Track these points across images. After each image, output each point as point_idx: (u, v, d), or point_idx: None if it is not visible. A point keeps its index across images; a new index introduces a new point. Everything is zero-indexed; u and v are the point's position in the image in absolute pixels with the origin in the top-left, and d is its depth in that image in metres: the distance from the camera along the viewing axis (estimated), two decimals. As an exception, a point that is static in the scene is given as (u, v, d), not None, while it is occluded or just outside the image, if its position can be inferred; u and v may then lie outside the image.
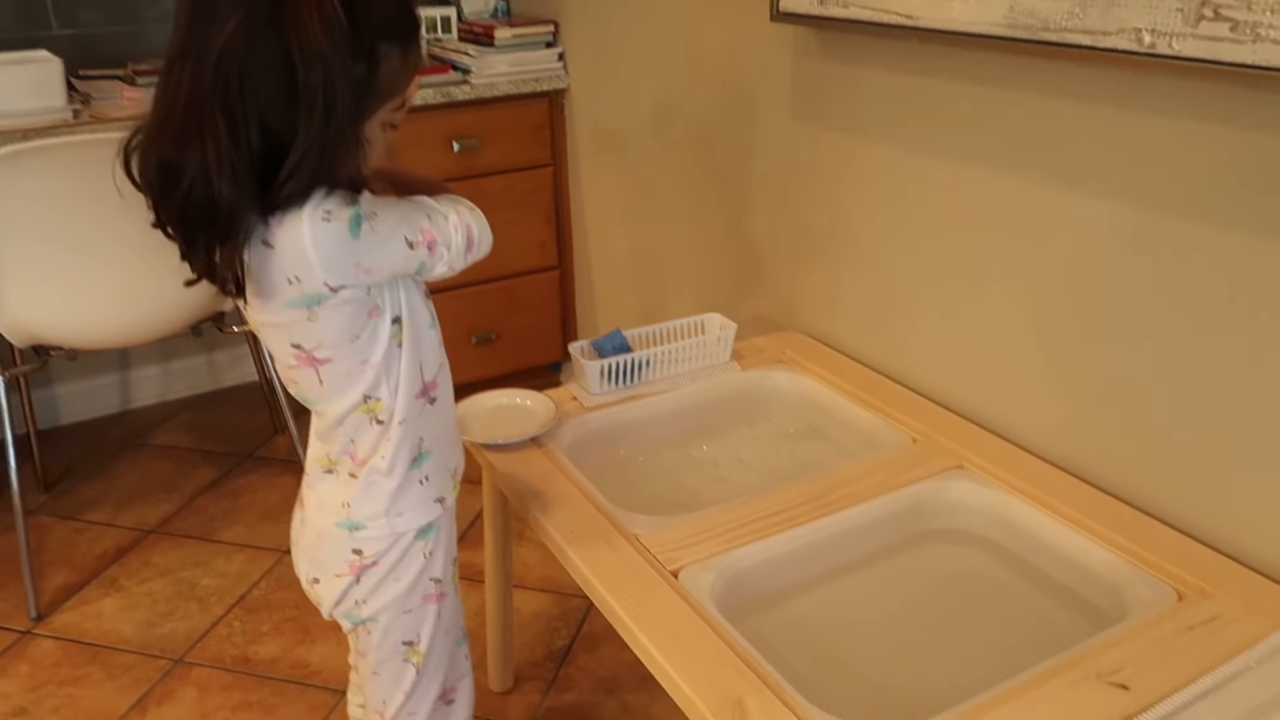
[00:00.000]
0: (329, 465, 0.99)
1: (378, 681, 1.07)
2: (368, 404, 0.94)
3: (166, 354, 2.50)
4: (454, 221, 0.93)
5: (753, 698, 0.86)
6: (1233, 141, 0.96)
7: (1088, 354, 1.17)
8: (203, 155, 0.78)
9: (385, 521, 0.98)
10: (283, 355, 0.92)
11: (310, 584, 1.04)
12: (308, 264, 0.83)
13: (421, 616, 1.04)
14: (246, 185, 0.79)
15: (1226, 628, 0.92)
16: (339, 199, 0.83)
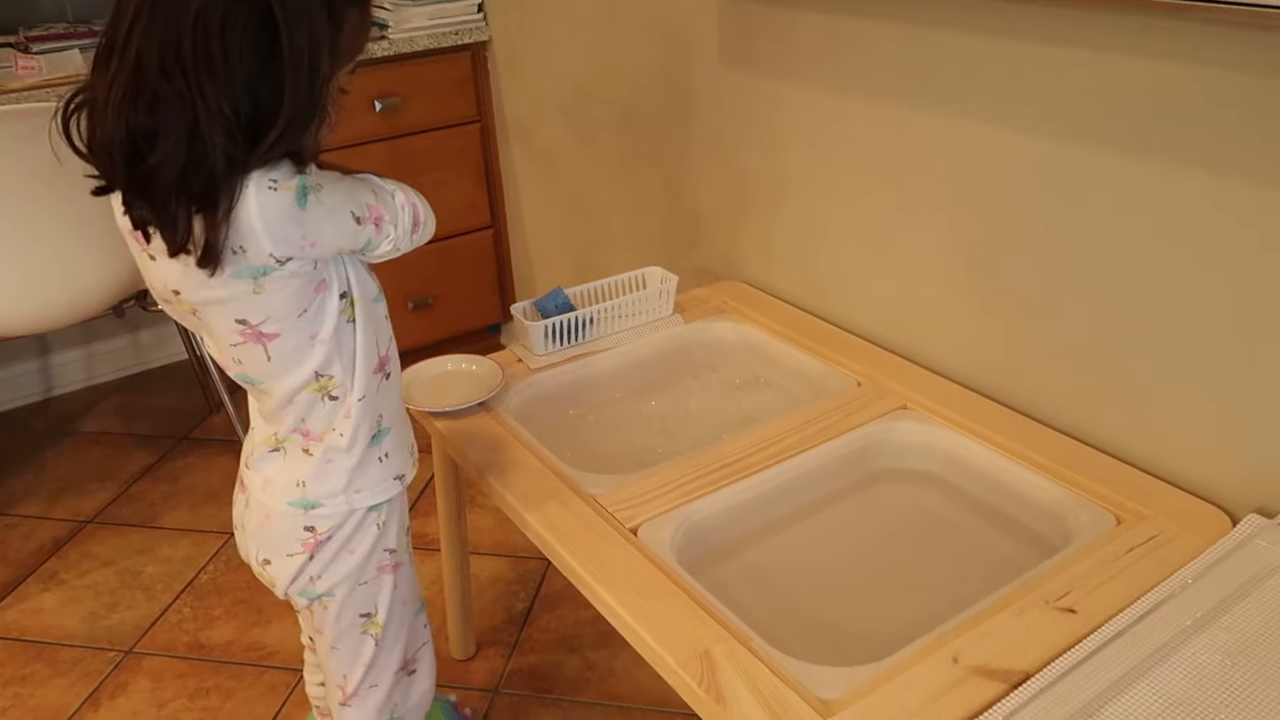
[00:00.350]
0: (275, 445, 0.97)
1: (337, 656, 1.07)
2: (319, 381, 0.92)
3: (88, 336, 2.40)
4: (400, 200, 0.92)
5: (719, 647, 0.87)
6: (1140, 72, 0.98)
7: (1016, 290, 1.19)
8: (186, 119, 0.77)
9: (343, 499, 0.97)
10: (226, 334, 0.89)
11: (262, 565, 1.02)
12: (253, 234, 0.81)
13: (377, 588, 1.04)
14: (241, 146, 0.78)
15: (1163, 547, 0.96)
16: (285, 169, 0.82)
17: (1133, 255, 1.06)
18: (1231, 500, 1.03)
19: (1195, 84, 0.95)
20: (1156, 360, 1.06)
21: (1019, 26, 1.09)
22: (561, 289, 1.44)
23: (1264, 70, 0.89)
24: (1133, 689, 0.79)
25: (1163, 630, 0.84)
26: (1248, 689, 0.79)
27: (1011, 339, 1.22)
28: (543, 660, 1.54)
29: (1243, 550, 0.92)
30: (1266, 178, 0.91)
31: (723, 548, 1.09)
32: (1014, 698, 0.79)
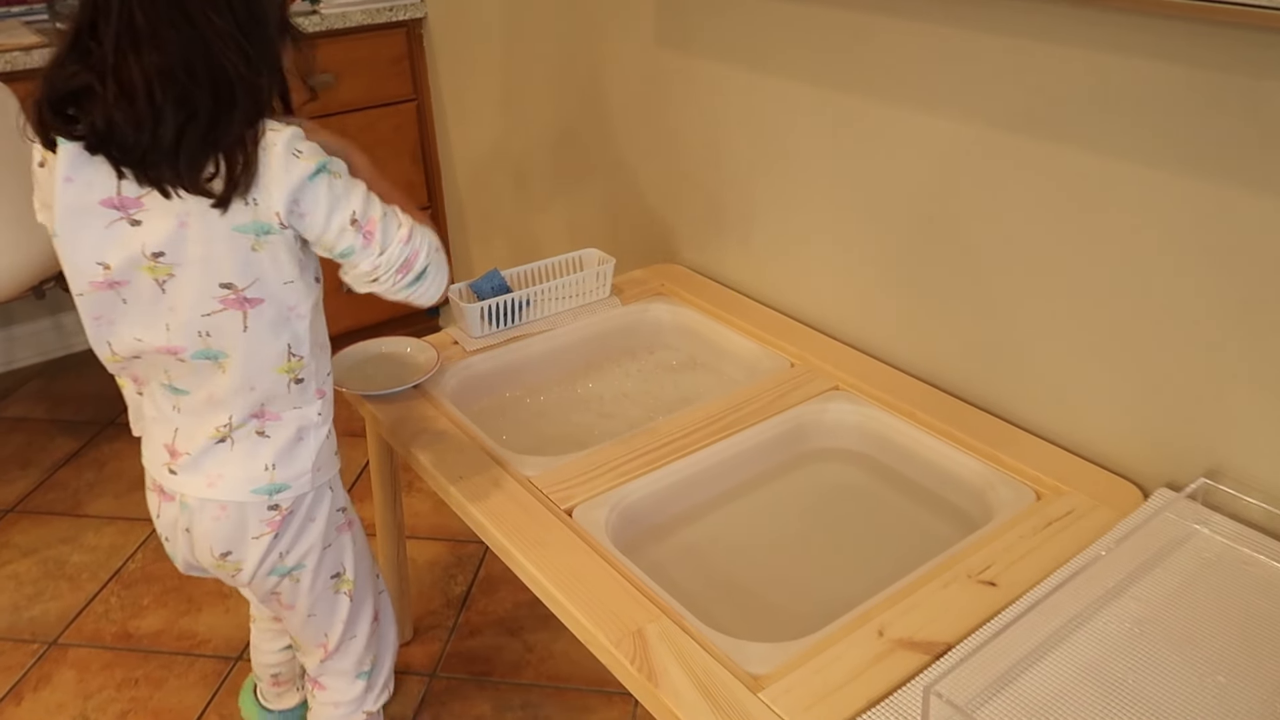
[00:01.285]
0: (222, 436, 0.95)
1: (314, 622, 1.10)
2: (290, 362, 0.94)
3: (7, 319, 2.32)
4: (402, 234, 0.92)
5: (651, 626, 0.88)
6: (1069, 60, 1.01)
7: (944, 275, 1.22)
8: (201, 50, 0.81)
9: (309, 478, 0.99)
10: (200, 301, 0.89)
11: (220, 559, 1.00)
12: (270, 189, 0.85)
13: (341, 546, 1.07)
14: (249, 68, 0.83)
15: (1080, 521, 1.00)
16: (309, 143, 0.87)
17: (1054, 240, 1.09)
18: (1143, 475, 1.07)
19: (1128, 73, 0.98)
20: (1074, 342, 1.10)
21: (956, 16, 1.11)
22: (498, 271, 1.43)
23: (1186, 59, 0.92)
24: (1048, 657, 0.82)
25: (1076, 601, 0.87)
26: (1154, 655, 0.82)
27: (938, 322, 1.25)
28: (483, 644, 1.54)
29: (1152, 523, 0.96)
30: (1181, 163, 0.95)
31: (658, 527, 1.10)
32: (935, 668, 0.81)
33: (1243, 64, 0.88)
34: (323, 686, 1.17)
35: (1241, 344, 0.95)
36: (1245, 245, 0.92)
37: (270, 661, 1.30)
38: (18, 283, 1.67)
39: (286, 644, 1.28)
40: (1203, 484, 0.98)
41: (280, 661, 1.30)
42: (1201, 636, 0.84)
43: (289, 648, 1.28)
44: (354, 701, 1.17)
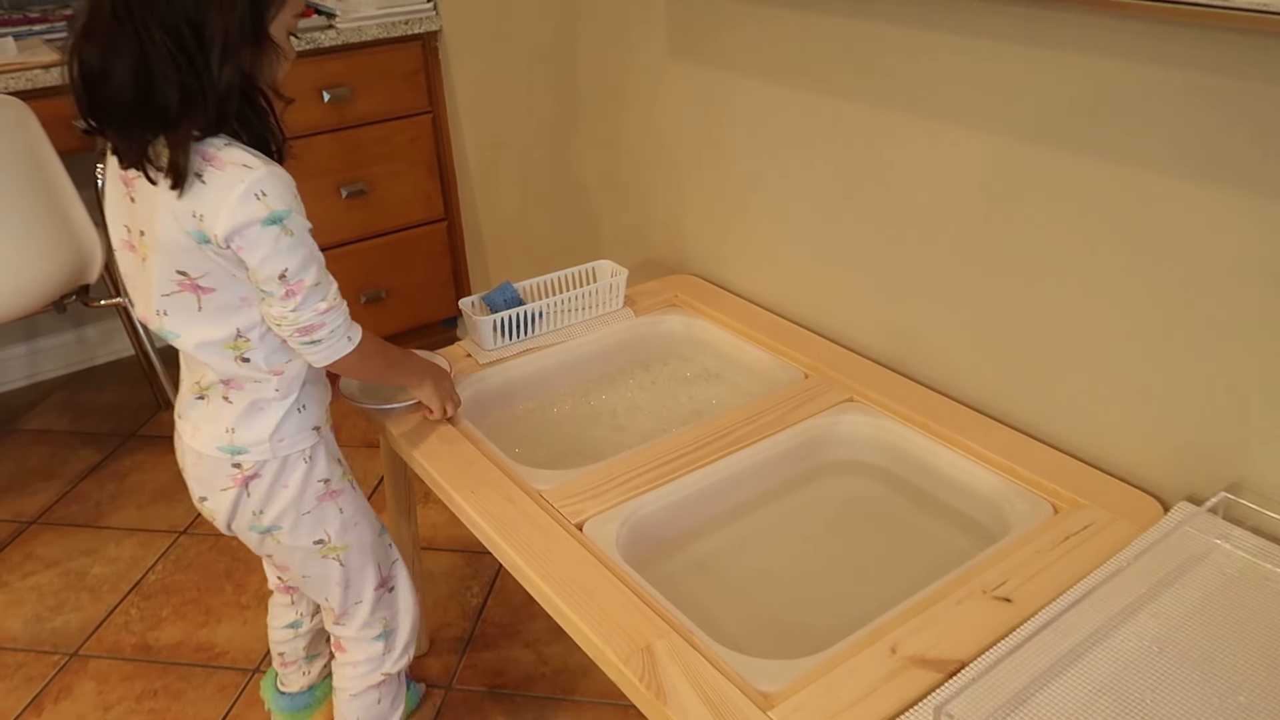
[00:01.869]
0: (200, 392, 1.04)
1: (310, 583, 1.16)
2: (236, 342, 0.99)
3: (31, 332, 2.35)
4: (322, 307, 0.97)
5: (660, 642, 0.88)
6: (1070, 66, 0.99)
7: (961, 286, 1.20)
8: (132, 55, 0.86)
9: (268, 446, 1.04)
10: (161, 282, 0.96)
11: (199, 503, 1.10)
12: (218, 214, 0.90)
13: (322, 515, 1.10)
14: (186, 76, 0.87)
15: (1098, 535, 0.98)
16: (282, 190, 0.92)
17: (1072, 252, 1.07)
18: (1164, 488, 1.05)
19: (1133, 81, 0.96)
20: (1093, 352, 1.08)
21: (962, 23, 1.10)
22: (510, 283, 1.43)
23: (1176, 62, 0.91)
24: (1063, 676, 0.81)
25: (1093, 618, 0.86)
26: (1172, 674, 0.81)
27: (954, 332, 1.24)
28: (498, 656, 1.53)
29: (1171, 537, 0.94)
30: (1199, 173, 0.93)
31: (670, 541, 1.09)
32: (947, 688, 0.80)
33: (1255, 70, 0.86)
34: (343, 649, 1.21)
35: (1264, 355, 0.93)
36: (1268, 257, 0.90)
37: (276, 639, 1.34)
38: (39, 297, 1.70)
39: (290, 622, 1.32)
40: (1224, 498, 0.96)
41: (284, 640, 1.33)
42: (1222, 655, 0.82)
43: (293, 625, 1.32)
44: (371, 661, 1.21)
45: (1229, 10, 0.82)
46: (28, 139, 1.58)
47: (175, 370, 2.21)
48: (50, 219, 1.63)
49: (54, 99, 1.73)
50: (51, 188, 1.62)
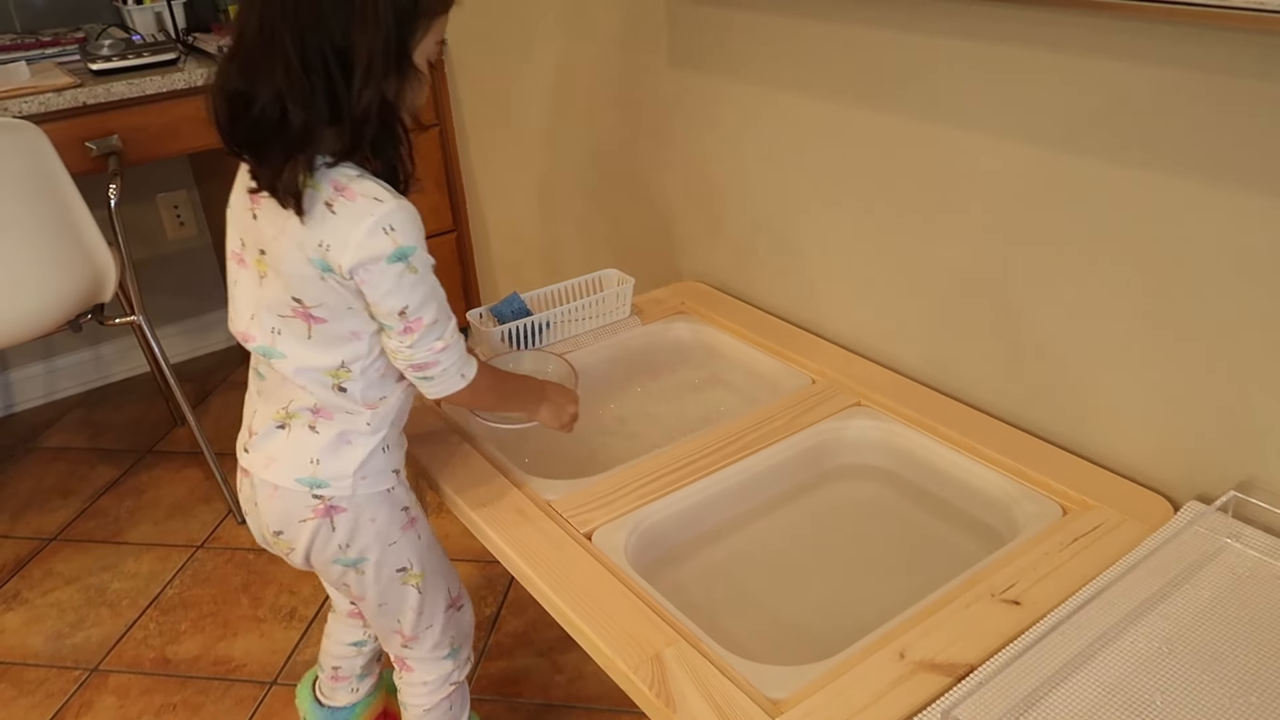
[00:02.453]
0: (282, 420, 1.02)
1: (386, 611, 1.14)
2: (337, 371, 0.98)
3: (48, 351, 2.38)
4: (439, 345, 0.98)
5: (670, 650, 0.88)
6: (1087, 71, 0.99)
7: (967, 287, 1.20)
8: (274, 80, 0.86)
9: (350, 482, 1.02)
10: (278, 304, 0.97)
11: (274, 536, 1.07)
12: (345, 246, 0.90)
13: (406, 543, 1.09)
14: (327, 99, 0.87)
15: (1106, 536, 0.98)
16: (410, 226, 0.92)
17: (1077, 251, 1.07)
18: (1173, 487, 1.05)
19: (1143, 84, 0.96)
20: (1101, 353, 1.08)
21: (969, 28, 1.10)
22: (518, 294, 1.44)
23: (1211, 66, 0.91)
24: (1073, 678, 0.81)
25: (1102, 619, 0.86)
26: (1183, 675, 0.80)
27: (961, 334, 1.24)
28: (513, 665, 1.54)
29: (1181, 537, 0.94)
30: (1212, 175, 0.93)
31: (679, 548, 1.09)
32: (956, 691, 0.80)
33: (1257, 67, 0.86)
34: (409, 668, 1.20)
35: (1272, 353, 0.93)
36: (1273, 255, 0.90)
37: (336, 653, 1.32)
38: (55, 317, 1.72)
39: (356, 640, 1.31)
40: (1233, 496, 0.96)
41: (345, 655, 1.32)
42: (1233, 655, 0.82)
43: (357, 644, 1.31)
44: (442, 678, 1.21)
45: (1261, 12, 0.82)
46: (41, 162, 1.60)
47: (189, 385, 2.21)
48: (65, 240, 1.65)
49: (66, 121, 1.76)
50: (65, 209, 1.64)
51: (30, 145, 1.58)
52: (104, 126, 1.81)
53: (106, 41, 1.90)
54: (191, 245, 2.49)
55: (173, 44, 1.96)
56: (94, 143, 1.79)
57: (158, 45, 1.92)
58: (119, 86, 1.79)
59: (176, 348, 2.51)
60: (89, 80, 1.80)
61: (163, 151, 1.90)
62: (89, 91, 1.76)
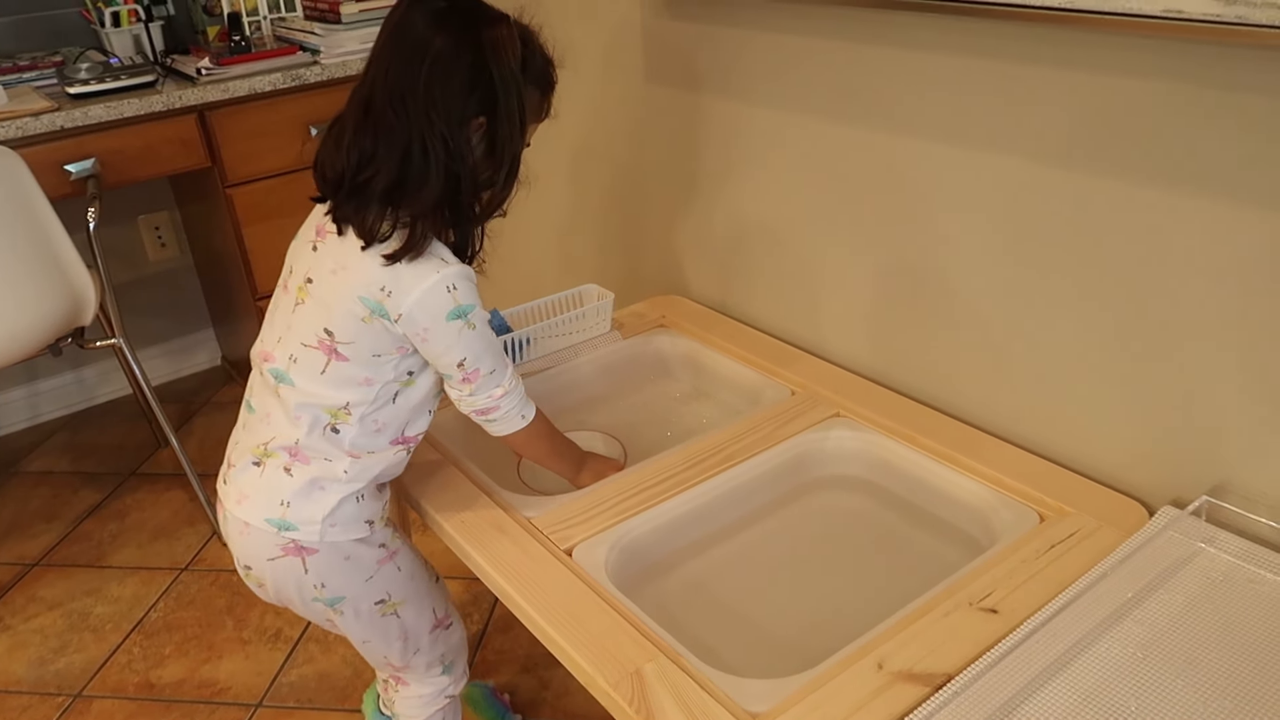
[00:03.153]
0: (258, 458, 1.03)
1: (371, 647, 1.15)
2: (338, 412, 1.00)
3: (30, 374, 2.37)
4: (498, 393, 1.05)
5: (650, 666, 0.88)
6: (1071, 85, 1.01)
7: (945, 297, 1.21)
8: (401, 144, 0.94)
9: (319, 529, 1.03)
10: (301, 334, 1.00)
11: (244, 571, 1.09)
12: (405, 294, 0.96)
13: (384, 577, 1.10)
14: (436, 180, 0.95)
15: (1083, 542, 0.99)
16: (470, 287, 0.99)
17: (1050, 261, 1.08)
18: (1149, 492, 1.05)
19: (1115, 97, 0.97)
20: (1076, 359, 1.09)
21: (939, 42, 1.12)
22: (498, 310, 1.44)
23: (1179, 77, 0.92)
24: (1049, 685, 0.81)
25: (1078, 626, 0.86)
26: (1157, 680, 0.81)
27: (940, 344, 1.24)
28: (498, 682, 1.54)
29: (1156, 542, 0.94)
30: (1178, 184, 0.94)
31: (659, 563, 1.10)
32: (933, 701, 0.80)
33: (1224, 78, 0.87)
34: (405, 683, 1.22)
35: (1244, 357, 0.94)
36: (1246, 261, 0.91)
37: None
38: (36, 341, 1.71)
39: None
40: (1206, 501, 0.97)
41: None
42: (1207, 659, 0.83)
43: None
44: (436, 692, 1.23)
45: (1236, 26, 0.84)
46: (18, 186, 1.59)
47: (172, 407, 2.21)
48: (43, 264, 1.65)
49: (44, 145, 1.75)
50: (43, 233, 1.63)
51: (7, 170, 1.58)
52: (82, 150, 1.80)
53: (84, 65, 1.90)
54: (173, 266, 2.48)
55: (151, 66, 1.96)
56: (72, 166, 1.79)
57: (135, 68, 1.92)
58: (97, 109, 1.79)
59: (159, 369, 2.50)
60: (66, 104, 1.80)
61: (142, 174, 1.90)
62: (66, 115, 1.76)
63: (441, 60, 0.94)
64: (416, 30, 0.95)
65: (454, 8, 0.96)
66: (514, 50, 0.97)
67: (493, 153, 0.99)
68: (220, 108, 1.92)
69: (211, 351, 2.60)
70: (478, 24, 0.96)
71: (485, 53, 0.95)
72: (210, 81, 1.90)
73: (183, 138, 1.90)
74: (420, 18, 0.95)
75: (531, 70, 1.01)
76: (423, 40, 0.94)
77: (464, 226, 1.02)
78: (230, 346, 2.53)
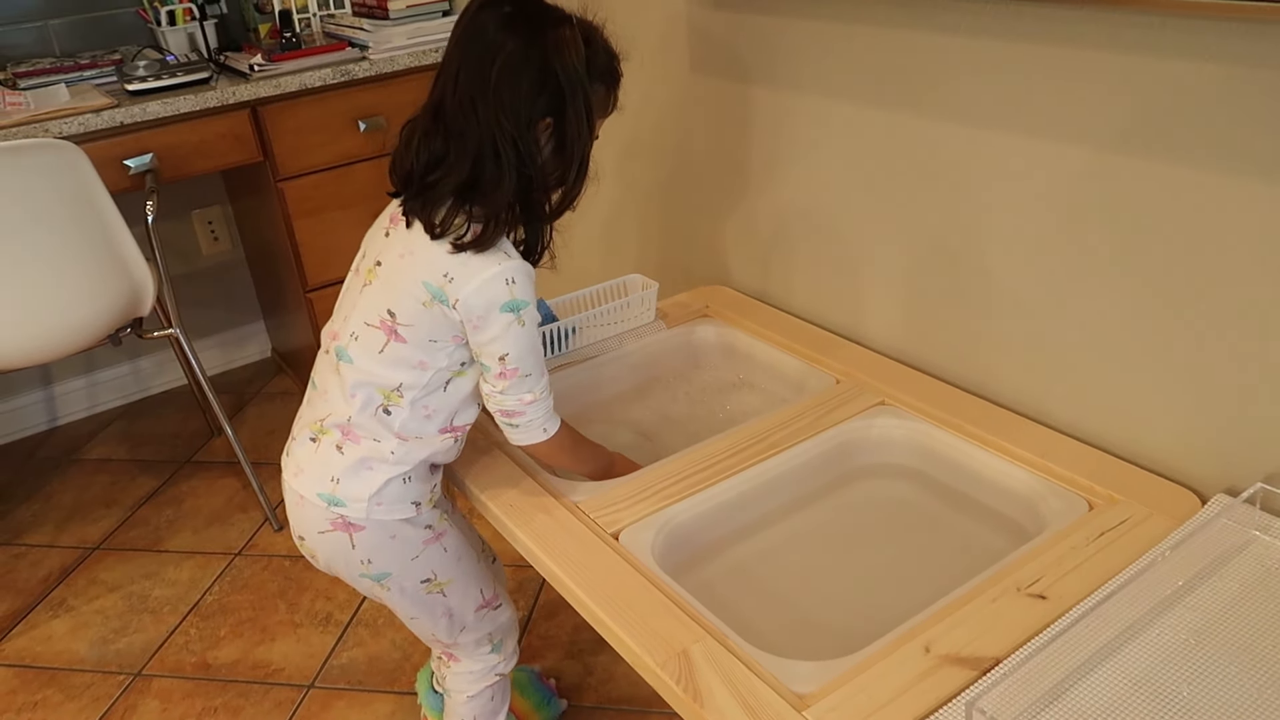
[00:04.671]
0: (315, 433, 1.07)
1: (418, 623, 1.18)
2: (390, 394, 1.04)
3: (89, 365, 2.44)
4: (528, 399, 1.06)
5: (697, 646, 0.89)
6: (1119, 68, 1.00)
7: (991, 285, 1.21)
8: (473, 147, 0.97)
9: (365, 506, 1.06)
10: (370, 312, 1.04)
11: (298, 540, 1.13)
12: (466, 282, 0.99)
13: (429, 557, 1.13)
14: (509, 182, 0.99)
15: (1133, 530, 0.98)
16: (527, 284, 1.02)
17: (1100, 247, 1.07)
18: (1201, 481, 1.04)
19: (1164, 80, 0.96)
20: (1126, 346, 1.08)
21: (980, 25, 1.11)
22: (544, 300, 1.46)
23: (1228, 58, 0.91)
24: (1099, 670, 0.81)
25: (1129, 612, 0.86)
26: (1210, 666, 0.80)
27: (985, 332, 1.24)
28: (545, 667, 1.56)
29: (1208, 529, 0.93)
30: (1234, 167, 0.93)
31: (705, 547, 1.11)
32: (981, 684, 0.80)
33: (1264, 56, 0.86)
34: (456, 659, 1.25)
35: (1294, 343, 0.93)
36: (1292, 242, 0.90)
37: None
38: (97, 332, 1.77)
39: None
40: (1261, 489, 0.95)
41: None
42: (1261, 646, 0.82)
43: None
44: (487, 669, 1.26)
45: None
46: (81, 180, 1.65)
47: (225, 397, 2.26)
48: (105, 256, 1.70)
49: (104, 141, 1.81)
50: (105, 226, 1.69)
51: (70, 165, 1.63)
52: (141, 145, 1.86)
53: (141, 63, 1.96)
54: (226, 260, 2.54)
55: (205, 63, 2.01)
56: (131, 161, 1.85)
57: (191, 65, 1.97)
58: (154, 106, 1.84)
59: (213, 360, 2.56)
60: (125, 100, 1.85)
61: (197, 168, 1.95)
62: (125, 111, 1.81)
63: (509, 63, 0.96)
64: (485, 35, 0.98)
65: (519, 11, 0.99)
66: (578, 50, 0.99)
67: (562, 152, 1.02)
68: (272, 103, 1.96)
69: (262, 343, 2.66)
70: (543, 26, 0.98)
71: (550, 55, 0.97)
72: (262, 77, 1.94)
73: (236, 133, 1.95)
74: (489, 21, 0.98)
75: (596, 67, 1.03)
76: (491, 44, 0.97)
77: (535, 224, 1.05)
78: (280, 339, 2.58)
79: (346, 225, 2.09)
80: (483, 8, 1.00)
